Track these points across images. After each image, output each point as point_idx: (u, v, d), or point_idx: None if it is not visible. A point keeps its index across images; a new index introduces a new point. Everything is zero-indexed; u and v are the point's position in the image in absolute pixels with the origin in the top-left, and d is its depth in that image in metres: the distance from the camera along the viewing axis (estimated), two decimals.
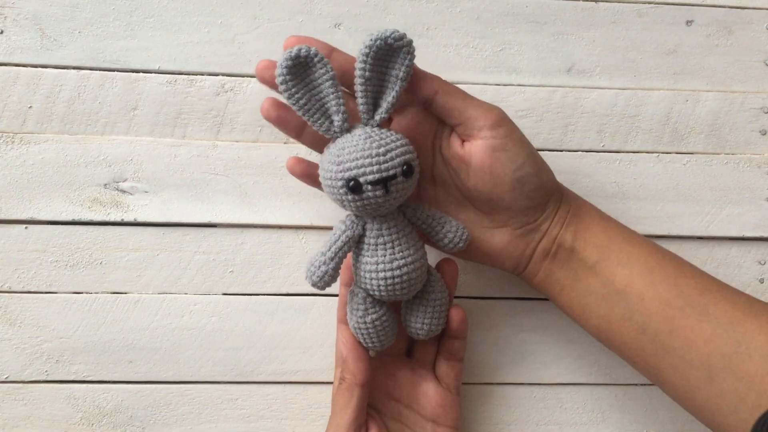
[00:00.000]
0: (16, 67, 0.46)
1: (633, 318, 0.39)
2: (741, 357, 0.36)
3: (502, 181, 0.39)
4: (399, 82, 0.37)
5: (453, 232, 0.40)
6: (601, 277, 0.40)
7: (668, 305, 0.38)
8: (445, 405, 0.43)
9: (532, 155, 0.40)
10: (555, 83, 0.49)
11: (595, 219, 0.42)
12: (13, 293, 0.46)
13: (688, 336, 0.37)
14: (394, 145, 0.36)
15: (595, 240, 0.41)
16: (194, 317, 0.46)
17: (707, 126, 0.49)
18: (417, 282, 0.39)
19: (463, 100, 0.39)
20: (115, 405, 0.46)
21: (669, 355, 0.38)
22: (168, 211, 0.46)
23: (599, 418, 0.49)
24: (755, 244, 0.49)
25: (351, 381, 0.41)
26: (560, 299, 0.42)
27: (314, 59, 0.36)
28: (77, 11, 0.46)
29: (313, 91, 0.36)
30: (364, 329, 0.40)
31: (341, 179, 0.36)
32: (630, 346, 0.40)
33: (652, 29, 0.50)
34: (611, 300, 0.40)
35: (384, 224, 0.38)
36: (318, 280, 0.38)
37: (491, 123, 0.38)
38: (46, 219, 0.46)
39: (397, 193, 0.36)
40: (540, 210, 0.41)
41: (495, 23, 0.49)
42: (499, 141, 0.39)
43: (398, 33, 0.36)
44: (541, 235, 0.41)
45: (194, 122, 0.47)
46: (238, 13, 0.47)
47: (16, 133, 0.46)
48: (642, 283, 0.39)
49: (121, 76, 0.46)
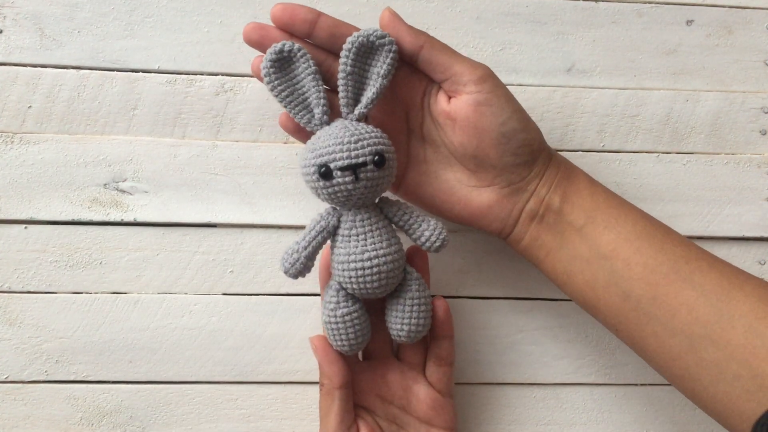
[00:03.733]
0: (16, 67, 0.46)
1: (617, 284, 0.39)
2: (723, 326, 0.36)
3: (488, 137, 0.39)
4: (380, 79, 0.38)
5: (431, 231, 0.40)
6: (587, 241, 0.40)
7: (653, 271, 0.38)
8: (437, 408, 0.42)
9: (518, 111, 0.40)
10: (555, 83, 0.49)
11: (584, 182, 0.42)
12: (12, 293, 0.46)
13: (671, 303, 0.37)
14: (367, 135, 0.37)
15: (583, 203, 0.40)
16: (194, 317, 0.46)
17: (707, 126, 0.49)
18: (390, 277, 0.39)
19: (449, 56, 0.39)
20: (115, 405, 0.46)
21: (651, 322, 0.38)
22: (168, 211, 0.46)
23: (599, 418, 0.49)
24: (755, 244, 0.49)
25: (328, 385, 0.41)
26: (545, 264, 0.42)
27: (297, 54, 0.38)
28: (77, 11, 0.46)
29: (296, 85, 0.38)
30: (334, 324, 0.39)
31: (314, 165, 0.37)
32: (613, 312, 0.39)
33: (652, 29, 0.50)
34: (596, 265, 0.39)
35: (358, 216, 0.39)
36: (290, 266, 0.39)
37: (476, 78, 0.39)
38: (46, 219, 0.46)
39: (367, 182, 0.37)
40: (527, 168, 0.40)
41: (495, 23, 0.49)
42: (484, 96, 0.39)
43: (380, 32, 0.38)
44: (529, 195, 0.41)
45: (194, 122, 0.47)
46: (238, 12, 0.47)
47: (16, 132, 0.46)
48: (628, 248, 0.39)
49: (120, 75, 0.46)
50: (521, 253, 0.43)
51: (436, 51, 0.39)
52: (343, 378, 0.41)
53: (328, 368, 0.41)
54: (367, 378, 0.43)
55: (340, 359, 0.41)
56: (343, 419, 0.41)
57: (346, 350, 0.40)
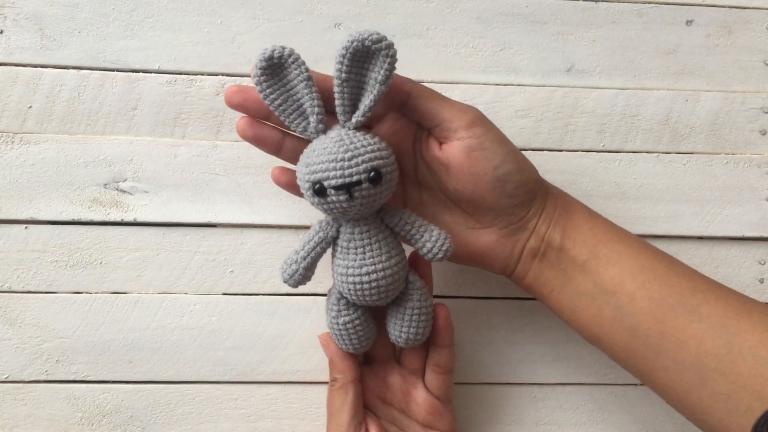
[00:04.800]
0: (16, 67, 0.46)
1: (623, 319, 0.38)
2: (733, 358, 0.35)
3: (483, 181, 0.38)
4: (378, 85, 0.36)
5: (432, 242, 0.38)
6: (591, 277, 0.39)
7: (659, 305, 0.38)
8: (435, 413, 0.42)
9: (511, 152, 0.39)
10: (555, 83, 0.49)
11: (584, 216, 0.41)
12: (13, 293, 0.46)
13: (679, 337, 0.37)
14: (363, 150, 0.35)
15: (584, 238, 0.40)
16: (194, 317, 0.46)
17: (707, 126, 0.49)
18: (389, 290, 0.38)
19: (437, 102, 0.38)
20: (115, 405, 0.46)
21: (660, 356, 0.37)
22: (168, 211, 0.46)
23: (599, 418, 0.49)
24: (755, 244, 0.49)
25: (343, 380, 0.41)
26: (551, 300, 0.41)
27: (288, 59, 0.36)
28: (77, 11, 0.46)
29: (290, 92, 0.36)
30: (337, 330, 0.40)
31: (308, 181, 0.36)
32: (621, 347, 0.39)
33: (651, 29, 0.50)
34: (601, 300, 0.39)
35: (357, 228, 0.38)
36: (288, 278, 0.39)
37: (466, 123, 0.38)
38: (46, 219, 0.46)
39: (363, 200, 0.35)
40: (525, 208, 0.40)
41: (495, 23, 0.49)
42: (475, 141, 0.38)
43: (377, 35, 0.35)
44: (529, 233, 0.40)
45: (194, 122, 0.47)
46: (238, 13, 0.47)
47: (16, 133, 0.46)
48: (632, 282, 0.38)
49: (120, 76, 0.46)
50: (526, 290, 0.43)
51: (423, 99, 0.38)
52: (356, 372, 0.41)
53: (341, 363, 0.41)
54: (368, 380, 0.43)
55: (353, 355, 0.41)
56: (355, 415, 0.41)
57: (350, 351, 0.41)
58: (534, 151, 0.48)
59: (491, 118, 0.48)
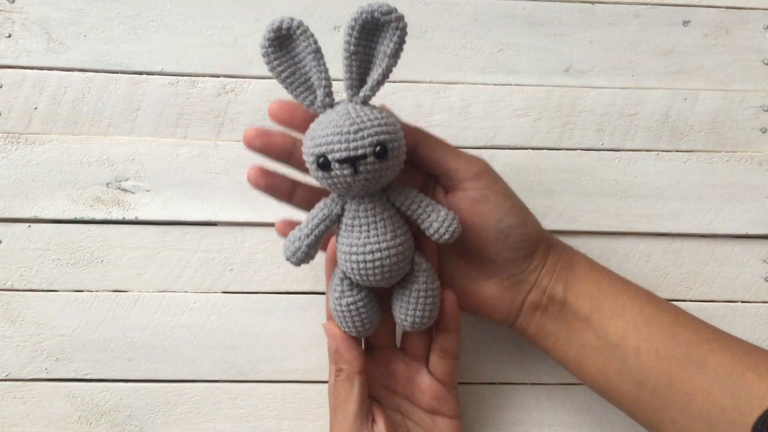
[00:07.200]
0: (23, 70, 0.47)
1: (630, 372, 0.38)
2: (741, 410, 0.35)
3: (485, 233, 0.39)
4: (387, 59, 0.35)
5: (440, 222, 0.37)
6: (595, 330, 0.39)
7: (665, 358, 0.38)
8: (440, 398, 0.42)
9: (515, 206, 0.39)
10: (553, 83, 0.49)
11: (586, 268, 0.41)
12: (15, 291, 0.46)
13: (686, 389, 0.37)
14: (369, 123, 0.34)
15: (587, 290, 0.40)
16: (194, 315, 0.46)
17: (707, 124, 0.49)
18: (393, 270, 0.37)
19: (444, 152, 0.39)
20: (114, 403, 0.46)
21: (668, 408, 0.37)
22: (169, 210, 0.47)
23: (601, 418, 0.48)
24: (759, 242, 0.49)
25: (349, 370, 0.40)
26: (555, 352, 0.41)
27: (297, 31, 0.35)
28: (83, 16, 0.47)
29: (298, 65, 0.36)
30: (339, 312, 0.39)
31: (312, 155, 0.35)
32: (628, 399, 0.39)
33: (649, 30, 0.50)
34: (606, 354, 0.39)
35: (362, 205, 0.37)
36: (291, 255, 0.38)
37: (472, 175, 0.38)
38: (49, 217, 0.46)
39: (368, 175, 0.34)
40: (527, 261, 0.40)
41: (493, 25, 0.49)
42: (480, 193, 0.38)
43: (387, 7, 0.34)
44: (530, 286, 0.40)
45: (196, 122, 0.48)
46: (240, 16, 0.48)
47: (22, 133, 0.47)
48: (637, 335, 0.38)
49: (124, 78, 0.47)
50: (529, 340, 0.42)
51: (431, 149, 0.39)
52: (362, 362, 0.40)
53: (348, 353, 0.40)
54: (371, 368, 0.43)
55: (359, 345, 0.41)
56: (362, 406, 0.40)
57: (353, 334, 0.40)
58: (533, 149, 0.49)
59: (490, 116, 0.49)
